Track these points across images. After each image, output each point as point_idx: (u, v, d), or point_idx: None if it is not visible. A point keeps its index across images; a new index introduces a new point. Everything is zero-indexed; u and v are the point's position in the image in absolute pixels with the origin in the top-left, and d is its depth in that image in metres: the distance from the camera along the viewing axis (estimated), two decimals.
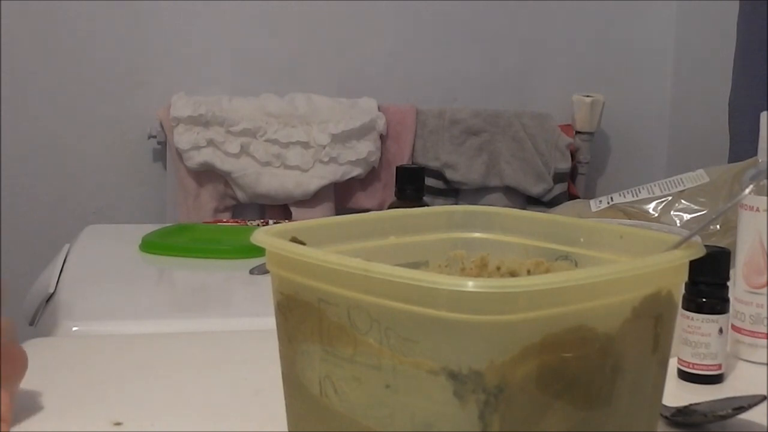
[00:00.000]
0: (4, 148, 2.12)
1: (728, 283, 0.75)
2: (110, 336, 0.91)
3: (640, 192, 1.28)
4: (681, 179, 1.27)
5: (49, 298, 1.09)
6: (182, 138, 2.07)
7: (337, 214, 2.12)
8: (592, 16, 2.43)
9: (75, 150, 2.20)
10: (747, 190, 0.80)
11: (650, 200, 1.26)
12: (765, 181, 0.78)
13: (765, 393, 0.65)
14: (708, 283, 0.74)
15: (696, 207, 1.24)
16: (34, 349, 0.65)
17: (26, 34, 2.15)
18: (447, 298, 0.44)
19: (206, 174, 2.12)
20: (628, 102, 2.46)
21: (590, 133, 2.34)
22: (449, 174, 2.23)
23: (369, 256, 0.55)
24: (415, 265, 0.61)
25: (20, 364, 0.62)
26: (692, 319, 0.74)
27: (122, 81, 2.20)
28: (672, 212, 1.25)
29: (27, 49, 2.15)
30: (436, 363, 0.45)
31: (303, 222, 0.58)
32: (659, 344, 0.52)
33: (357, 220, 0.61)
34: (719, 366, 0.74)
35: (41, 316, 1.05)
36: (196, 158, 2.07)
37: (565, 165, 2.27)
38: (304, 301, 0.51)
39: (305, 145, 2.11)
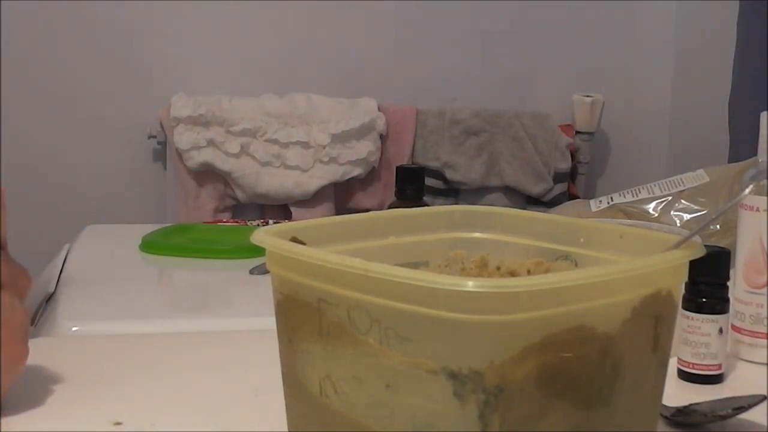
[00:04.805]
0: (4, 148, 2.13)
1: (728, 283, 0.75)
2: (110, 336, 0.91)
3: (640, 192, 1.28)
4: (681, 179, 1.27)
5: (49, 298, 1.09)
6: (182, 138, 2.07)
7: (337, 214, 2.12)
8: (592, 16, 2.43)
9: (75, 150, 2.20)
10: (747, 190, 0.80)
11: (650, 200, 1.26)
12: (765, 181, 0.78)
13: (765, 393, 0.65)
14: (708, 283, 0.74)
15: (696, 207, 1.24)
16: (34, 349, 0.64)
17: (26, 34, 2.15)
18: (447, 298, 0.44)
19: (206, 174, 2.12)
20: (628, 102, 2.46)
21: (590, 133, 2.34)
22: (449, 174, 2.23)
23: (369, 256, 0.55)
24: (415, 265, 0.61)
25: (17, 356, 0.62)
26: (692, 319, 0.74)
27: (122, 81, 2.21)
28: (672, 212, 1.25)
29: (27, 49, 2.15)
30: (436, 363, 0.45)
31: (303, 222, 0.58)
32: (659, 344, 0.52)
33: (357, 220, 0.61)
34: (719, 366, 0.74)
35: (41, 316, 1.05)
36: (196, 158, 2.07)
37: (565, 165, 2.27)
38: (304, 301, 0.51)
39: (305, 145, 2.11)
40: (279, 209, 2.17)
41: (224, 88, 2.20)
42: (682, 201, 1.25)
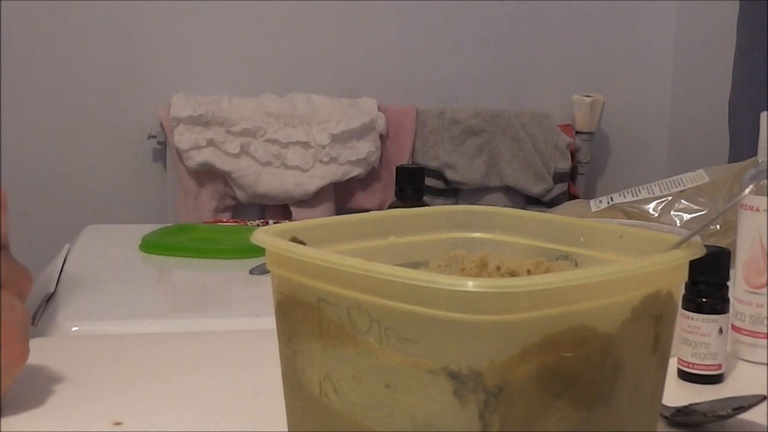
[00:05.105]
0: (5, 148, 2.13)
1: (728, 283, 0.75)
2: (110, 336, 0.91)
3: (640, 192, 1.28)
4: (681, 179, 1.27)
5: (49, 298, 1.09)
6: (182, 138, 2.07)
7: (337, 214, 2.12)
8: (592, 16, 2.43)
9: (75, 150, 2.20)
10: (747, 190, 0.80)
11: (650, 200, 1.27)
12: (765, 181, 0.78)
13: (765, 393, 0.65)
14: (708, 283, 0.74)
15: (696, 207, 1.24)
16: (34, 348, 0.64)
17: (26, 34, 2.15)
18: (447, 298, 0.44)
19: (206, 174, 2.12)
20: (628, 102, 2.46)
21: (590, 133, 2.34)
22: (449, 174, 2.23)
23: (369, 256, 0.55)
24: (415, 265, 0.61)
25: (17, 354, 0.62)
26: (692, 319, 0.74)
27: (122, 81, 2.20)
28: (672, 212, 1.25)
29: (27, 49, 2.15)
30: (436, 363, 0.45)
31: (303, 222, 0.58)
32: (659, 344, 0.52)
33: (357, 220, 0.61)
34: (719, 366, 0.74)
35: (41, 316, 1.05)
36: (196, 158, 2.07)
37: (565, 165, 2.27)
38: (304, 301, 0.51)
39: (305, 145, 2.11)
40: (279, 209, 2.17)
41: (224, 88, 2.20)
42: (682, 201, 1.25)
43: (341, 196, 2.21)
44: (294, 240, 0.55)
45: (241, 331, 0.86)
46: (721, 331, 0.74)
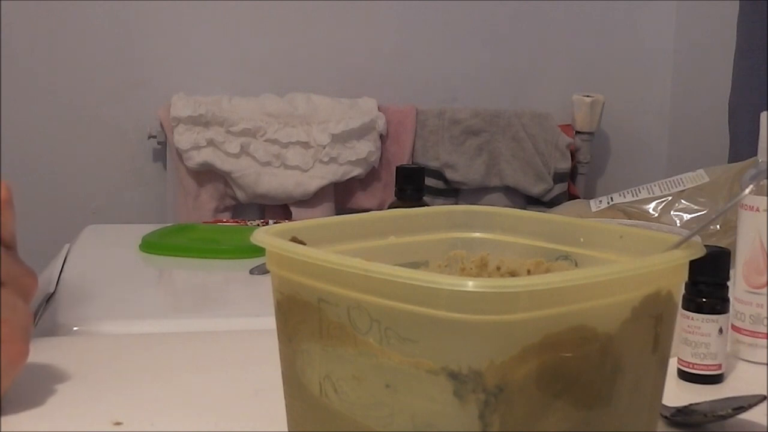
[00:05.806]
0: (4, 147, 2.13)
1: (728, 283, 0.75)
2: (110, 336, 0.91)
3: (640, 192, 1.28)
4: (681, 179, 1.27)
5: (49, 298, 1.09)
6: (182, 138, 2.07)
7: (337, 214, 2.12)
8: (592, 16, 2.43)
9: (75, 150, 2.20)
10: (747, 190, 0.80)
11: (650, 200, 1.27)
12: (765, 181, 0.78)
13: (765, 393, 0.65)
14: (708, 283, 0.74)
15: (696, 207, 1.24)
16: (35, 348, 0.64)
17: (26, 35, 2.15)
18: (447, 298, 0.44)
19: (206, 174, 2.12)
20: (628, 102, 2.46)
21: (590, 133, 2.34)
22: (449, 174, 2.23)
23: (369, 256, 0.55)
24: (415, 265, 0.61)
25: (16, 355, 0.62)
26: (692, 319, 0.74)
27: (122, 81, 2.21)
28: (672, 212, 1.25)
29: (27, 49, 2.15)
30: (436, 363, 0.45)
31: (303, 222, 0.58)
32: (659, 344, 0.52)
33: (357, 220, 0.61)
34: (719, 366, 0.74)
35: (41, 316, 1.05)
36: (196, 158, 2.07)
37: (565, 165, 2.27)
38: (304, 300, 0.51)
39: (305, 145, 2.11)
40: (279, 209, 2.17)
41: (224, 88, 2.20)
42: (682, 201, 1.25)
43: (341, 196, 2.21)
44: (294, 240, 0.55)
45: (241, 331, 0.86)
46: (721, 331, 0.74)
